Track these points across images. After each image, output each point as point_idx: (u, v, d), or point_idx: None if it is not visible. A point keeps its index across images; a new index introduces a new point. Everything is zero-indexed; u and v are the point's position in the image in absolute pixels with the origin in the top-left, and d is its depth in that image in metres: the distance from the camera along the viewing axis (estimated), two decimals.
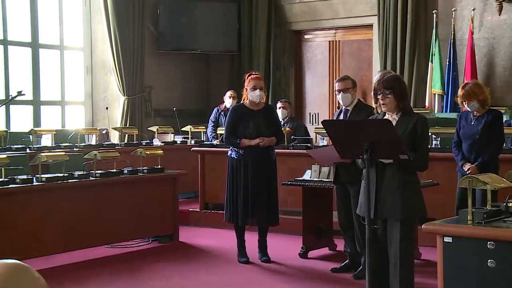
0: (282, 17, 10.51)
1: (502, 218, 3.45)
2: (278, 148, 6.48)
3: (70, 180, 6.08)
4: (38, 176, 5.90)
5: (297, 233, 6.57)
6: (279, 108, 8.16)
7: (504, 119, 5.95)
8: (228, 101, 8.99)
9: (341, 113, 5.64)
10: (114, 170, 6.52)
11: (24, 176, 5.89)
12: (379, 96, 4.19)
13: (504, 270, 3.24)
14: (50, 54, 9.71)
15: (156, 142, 8.85)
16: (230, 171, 6.06)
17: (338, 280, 5.50)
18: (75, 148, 7.92)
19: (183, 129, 9.26)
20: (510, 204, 3.59)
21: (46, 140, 8.18)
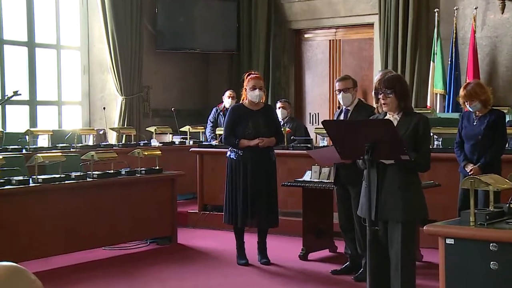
0: (282, 16, 10.51)
1: (505, 219, 3.45)
2: (277, 148, 6.48)
3: (67, 181, 6.08)
4: (34, 177, 5.90)
5: (297, 234, 6.57)
6: (279, 108, 8.17)
7: (507, 119, 5.94)
8: (227, 101, 8.99)
9: (341, 113, 5.64)
10: (112, 171, 6.52)
11: (20, 177, 5.89)
12: (380, 95, 4.19)
13: (507, 272, 3.24)
14: (46, 54, 9.70)
15: (154, 143, 8.85)
16: (229, 172, 6.06)
17: (338, 283, 5.50)
18: (72, 149, 7.92)
19: (182, 129, 9.26)
20: None
21: (43, 141, 8.17)
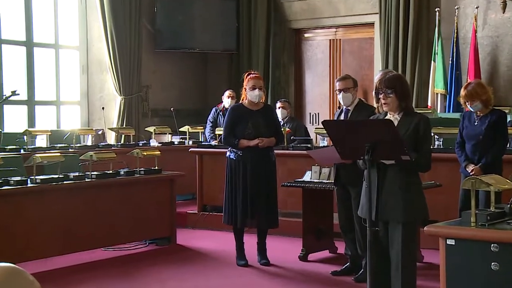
0: (281, 15, 10.51)
1: (506, 220, 3.45)
2: (277, 148, 6.48)
3: (65, 182, 6.08)
4: (32, 177, 5.90)
5: (297, 235, 6.58)
6: (279, 108, 8.17)
7: (508, 119, 5.95)
8: (226, 101, 8.99)
9: (341, 113, 5.64)
10: (110, 172, 6.52)
11: (18, 178, 5.88)
12: (380, 95, 4.19)
13: (508, 273, 3.24)
14: (45, 53, 9.70)
15: (153, 143, 8.85)
16: (228, 172, 6.06)
17: (338, 284, 5.50)
18: (70, 149, 7.92)
19: (181, 129, 9.26)
20: None
21: (41, 141, 8.17)
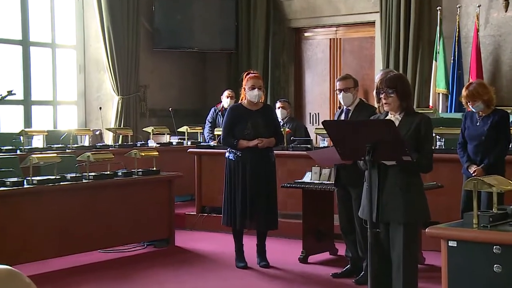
0: (281, 14, 10.51)
1: (509, 221, 3.45)
2: (277, 149, 6.48)
3: (62, 183, 6.07)
4: (29, 178, 5.89)
5: (297, 237, 6.58)
6: (278, 108, 8.17)
7: (511, 119, 5.95)
8: (225, 100, 9.00)
9: (342, 113, 5.64)
10: (108, 172, 6.52)
11: (15, 179, 5.89)
12: (381, 95, 4.20)
13: (511, 275, 3.24)
14: (41, 52, 9.70)
15: (151, 143, 8.85)
16: (227, 173, 6.06)
17: (339, 286, 5.50)
18: (67, 150, 7.92)
19: (179, 129, 9.26)
20: None
21: (38, 141, 8.18)
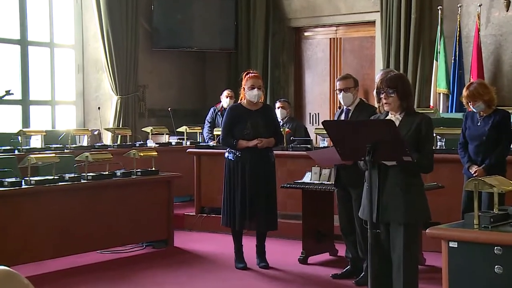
0: (281, 13, 10.52)
1: (510, 222, 3.45)
2: (277, 149, 6.48)
3: (60, 183, 6.07)
4: (27, 179, 5.89)
5: (296, 237, 6.58)
6: (278, 108, 8.18)
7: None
8: (225, 100, 9.00)
9: (342, 113, 5.64)
10: (107, 173, 6.51)
11: (13, 179, 5.88)
12: (382, 95, 4.20)
13: None
14: (39, 52, 9.70)
15: (150, 144, 8.85)
16: (227, 174, 6.06)
17: (339, 287, 5.50)
18: (65, 150, 7.91)
19: (178, 129, 9.26)
20: None
21: (36, 141, 8.17)
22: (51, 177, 6.04)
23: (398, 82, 4.22)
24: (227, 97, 8.99)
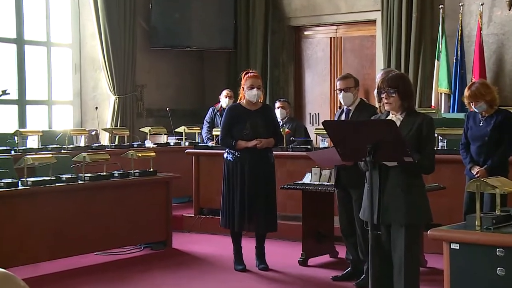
0: (280, 12, 10.52)
1: None
2: (276, 150, 6.48)
3: (57, 184, 6.07)
4: (23, 179, 5.89)
5: (296, 239, 6.58)
6: (278, 108, 8.18)
7: None
8: (224, 100, 9.00)
9: (342, 113, 5.64)
10: (104, 173, 6.51)
11: (9, 180, 5.88)
12: (383, 95, 4.20)
13: None
14: (36, 51, 9.70)
15: (148, 144, 8.85)
16: (226, 174, 6.06)
17: None
18: (62, 150, 7.92)
19: (177, 130, 9.26)
20: None
21: (32, 142, 8.17)
22: (48, 178, 6.04)
23: (399, 81, 4.22)
24: (226, 97, 9.00)
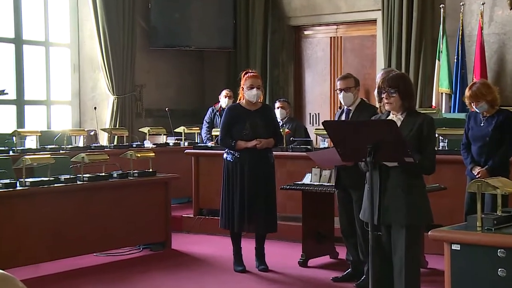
0: (280, 11, 10.52)
1: None
2: (276, 150, 6.48)
3: (56, 185, 6.07)
4: (22, 180, 5.89)
5: (296, 240, 6.58)
6: (278, 108, 8.18)
7: None
8: (223, 100, 9.00)
9: (343, 113, 5.64)
10: (103, 174, 6.51)
11: (7, 180, 5.88)
12: (383, 95, 4.20)
13: None
14: (34, 51, 9.69)
15: (148, 144, 8.85)
16: (225, 175, 6.06)
17: None
18: (61, 151, 7.92)
19: (176, 130, 9.26)
20: None
21: (31, 142, 8.17)
22: (46, 178, 6.04)
23: (400, 81, 4.22)
24: (225, 97, 9.00)
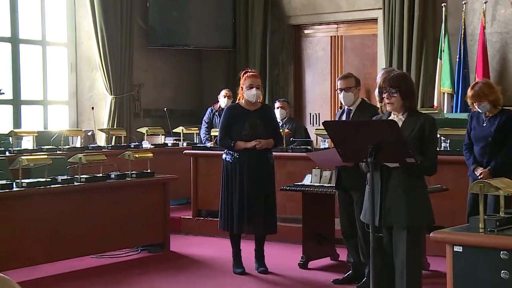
0: (280, 10, 10.52)
1: None
2: (276, 150, 6.48)
3: (53, 186, 6.07)
4: (18, 181, 5.89)
5: (296, 241, 6.57)
6: (277, 108, 8.18)
7: None
8: (222, 100, 9.00)
9: (343, 113, 5.64)
10: (101, 175, 6.51)
11: (4, 181, 5.87)
12: (384, 95, 4.20)
13: None
14: (31, 50, 9.69)
15: (146, 145, 8.85)
16: (224, 176, 6.06)
17: None
18: (58, 151, 7.91)
19: (175, 130, 9.26)
20: None
21: (27, 143, 8.17)
22: (43, 179, 6.04)
23: (401, 81, 4.22)
24: (224, 96, 9.00)
